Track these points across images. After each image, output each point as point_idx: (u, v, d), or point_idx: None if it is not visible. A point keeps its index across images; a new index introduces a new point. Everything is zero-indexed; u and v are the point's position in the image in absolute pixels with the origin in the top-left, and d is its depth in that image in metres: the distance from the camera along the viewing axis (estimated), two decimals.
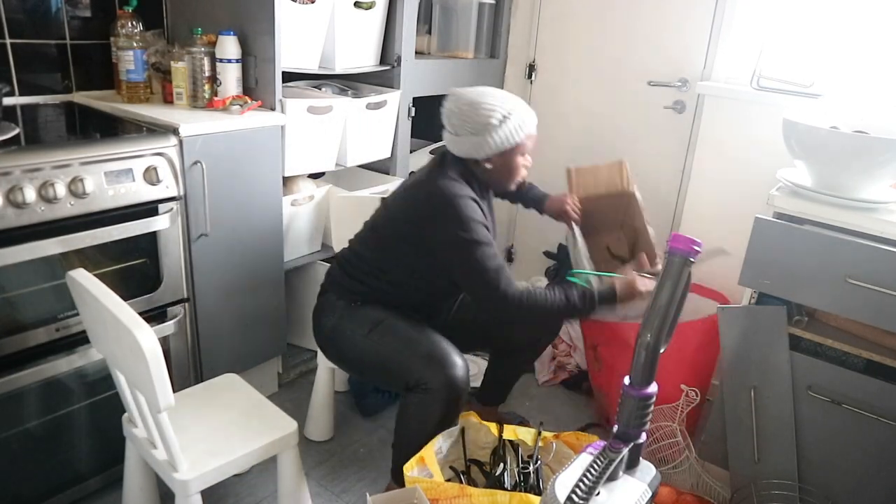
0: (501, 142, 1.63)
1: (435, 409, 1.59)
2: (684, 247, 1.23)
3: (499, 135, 1.62)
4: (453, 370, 1.57)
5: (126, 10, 1.89)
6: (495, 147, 1.64)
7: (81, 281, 1.31)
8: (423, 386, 1.58)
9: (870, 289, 1.52)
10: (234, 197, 1.86)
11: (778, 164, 1.88)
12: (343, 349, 1.75)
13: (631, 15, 2.51)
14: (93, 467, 1.71)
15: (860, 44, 2.07)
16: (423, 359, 1.59)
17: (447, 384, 1.57)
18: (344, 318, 1.73)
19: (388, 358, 1.65)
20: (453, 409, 1.62)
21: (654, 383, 1.29)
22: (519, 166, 1.71)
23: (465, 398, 1.62)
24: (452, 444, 1.67)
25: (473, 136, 1.63)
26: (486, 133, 1.62)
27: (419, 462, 1.53)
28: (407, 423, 1.66)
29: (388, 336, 1.66)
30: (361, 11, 2.17)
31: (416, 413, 1.62)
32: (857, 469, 1.67)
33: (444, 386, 1.57)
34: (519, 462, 1.63)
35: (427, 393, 1.58)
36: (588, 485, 1.16)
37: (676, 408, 1.94)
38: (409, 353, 1.62)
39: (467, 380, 1.61)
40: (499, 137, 1.63)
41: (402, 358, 1.62)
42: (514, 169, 1.71)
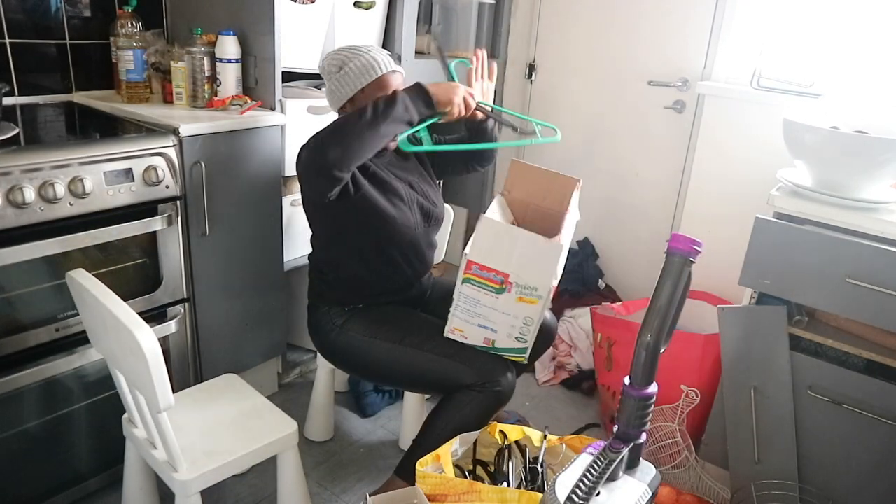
0: (343, 90, 1.63)
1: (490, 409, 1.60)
2: (684, 247, 1.23)
3: (340, 82, 1.63)
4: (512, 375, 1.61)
5: (126, 9, 1.89)
6: (340, 95, 1.64)
7: (81, 281, 1.31)
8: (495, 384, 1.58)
9: (870, 289, 1.52)
10: (234, 197, 1.86)
11: (778, 164, 1.88)
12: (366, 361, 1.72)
13: (631, 15, 2.51)
14: (93, 467, 1.71)
15: (860, 44, 2.07)
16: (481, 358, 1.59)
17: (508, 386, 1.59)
18: (346, 325, 1.72)
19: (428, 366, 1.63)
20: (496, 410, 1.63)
21: (654, 384, 1.29)
22: None
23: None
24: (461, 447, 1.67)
25: (327, 87, 1.67)
26: (331, 81, 1.64)
27: (434, 459, 1.53)
28: (448, 419, 1.62)
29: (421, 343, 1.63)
30: (361, 11, 2.17)
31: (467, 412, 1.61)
32: (857, 469, 1.67)
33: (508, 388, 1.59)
34: (526, 463, 1.63)
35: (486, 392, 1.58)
36: (588, 485, 1.16)
37: (676, 408, 1.94)
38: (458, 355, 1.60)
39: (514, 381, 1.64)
40: (340, 85, 1.63)
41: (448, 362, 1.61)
42: None
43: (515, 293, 1.42)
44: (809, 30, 2.17)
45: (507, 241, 1.40)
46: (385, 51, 1.68)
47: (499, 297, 1.44)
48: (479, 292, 1.45)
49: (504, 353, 1.57)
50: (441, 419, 1.64)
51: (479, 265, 1.42)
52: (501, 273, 1.41)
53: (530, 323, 1.46)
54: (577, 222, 1.78)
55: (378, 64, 1.62)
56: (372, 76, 1.62)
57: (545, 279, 1.39)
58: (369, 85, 1.62)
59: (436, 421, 1.64)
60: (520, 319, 1.46)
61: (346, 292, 1.75)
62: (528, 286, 1.40)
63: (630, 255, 2.74)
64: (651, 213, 2.65)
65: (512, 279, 1.41)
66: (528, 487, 1.57)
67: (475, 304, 1.48)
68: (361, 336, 1.69)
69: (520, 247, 1.39)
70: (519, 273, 1.39)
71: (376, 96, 1.58)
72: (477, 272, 1.43)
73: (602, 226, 2.79)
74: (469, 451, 1.66)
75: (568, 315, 2.62)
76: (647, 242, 2.67)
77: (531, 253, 1.38)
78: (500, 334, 1.51)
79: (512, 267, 1.39)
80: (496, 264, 1.40)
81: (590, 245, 2.82)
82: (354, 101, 1.64)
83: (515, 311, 1.46)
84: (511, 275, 1.40)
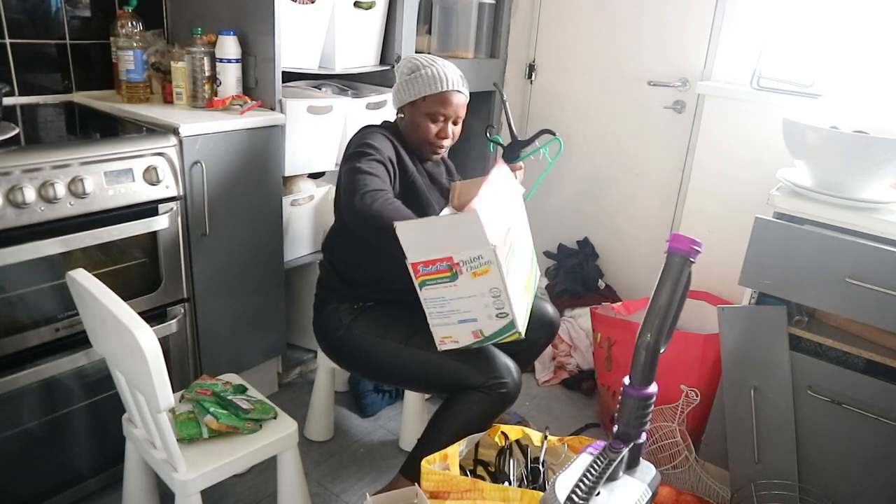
0: (407, 92, 1.70)
1: (496, 409, 1.62)
2: (684, 247, 1.23)
3: (407, 84, 1.70)
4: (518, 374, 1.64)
5: (126, 9, 1.89)
6: (403, 96, 1.72)
7: (81, 281, 1.31)
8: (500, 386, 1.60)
9: (870, 289, 1.52)
10: (234, 197, 1.86)
11: (778, 164, 1.88)
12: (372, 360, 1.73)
13: (631, 15, 2.51)
14: (93, 467, 1.71)
15: (860, 44, 2.07)
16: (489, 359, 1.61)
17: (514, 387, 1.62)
18: (354, 323, 1.72)
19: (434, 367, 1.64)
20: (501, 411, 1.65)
21: (654, 383, 1.29)
22: (425, 127, 1.71)
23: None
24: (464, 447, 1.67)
25: (396, 85, 1.75)
26: (399, 80, 1.72)
27: (442, 458, 1.54)
28: (453, 420, 1.64)
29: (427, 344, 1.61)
30: (361, 11, 2.17)
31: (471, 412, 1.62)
32: (857, 469, 1.67)
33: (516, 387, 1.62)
34: (528, 462, 1.63)
35: (492, 393, 1.60)
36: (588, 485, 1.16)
37: (676, 408, 1.94)
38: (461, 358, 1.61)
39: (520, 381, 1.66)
40: (406, 87, 1.70)
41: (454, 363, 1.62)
42: (419, 128, 1.72)
43: (467, 271, 1.45)
44: (809, 30, 2.17)
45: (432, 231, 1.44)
46: (458, 70, 1.73)
47: (456, 282, 1.46)
48: (438, 288, 1.47)
49: (499, 339, 1.56)
50: (446, 420, 1.64)
51: (423, 262, 1.45)
52: (444, 259, 1.44)
53: (498, 294, 1.47)
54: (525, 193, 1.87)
55: (446, 80, 1.68)
56: (436, 88, 1.68)
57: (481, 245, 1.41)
58: (431, 96, 1.68)
59: (440, 422, 1.65)
60: (487, 295, 1.48)
61: (359, 289, 1.75)
62: (472, 258, 1.43)
63: (630, 255, 2.74)
64: (651, 213, 2.65)
65: (456, 259, 1.43)
66: (530, 487, 1.57)
67: (443, 303, 1.50)
68: (369, 335, 1.70)
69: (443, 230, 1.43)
70: (457, 250, 1.42)
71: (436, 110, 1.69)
72: (425, 271, 1.46)
73: (602, 226, 2.80)
74: (471, 451, 1.66)
75: (568, 315, 2.62)
76: (647, 242, 2.67)
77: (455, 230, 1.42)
78: (481, 320, 1.52)
79: (449, 249, 1.42)
80: (435, 254, 1.44)
81: (590, 245, 2.82)
82: (414, 106, 1.71)
83: (479, 288, 1.47)
84: (453, 256, 1.43)
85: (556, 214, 2.91)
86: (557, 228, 2.93)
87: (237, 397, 1.55)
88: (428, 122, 1.71)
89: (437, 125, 1.72)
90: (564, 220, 2.89)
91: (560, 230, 2.92)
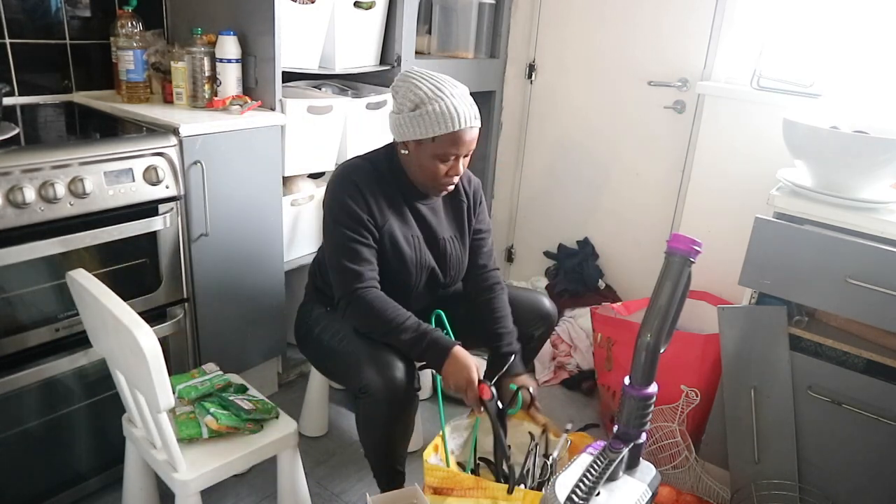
0: (411, 129, 1.50)
1: (378, 413, 1.52)
2: (684, 247, 1.23)
3: (411, 121, 1.49)
4: (391, 371, 1.49)
5: (126, 9, 1.89)
6: (405, 132, 1.51)
7: (81, 281, 1.31)
8: (364, 390, 1.52)
9: (870, 289, 1.52)
10: (234, 197, 1.86)
11: (778, 164, 1.88)
12: (314, 351, 1.77)
13: (631, 15, 2.51)
14: (93, 467, 1.71)
15: (860, 44, 2.06)
16: (366, 360, 1.53)
17: (386, 386, 1.49)
18: (314, 321, 1.75)
19: (343, 360, 1.62)
20: (398, 413, 1.54)
21: (654, 384, 1.29)
22: (433, 168, 1.54)
23: (410, 401, 1.56)
24: (463, 444, 1.67)
25: (394, 115, 1.54)
26: (401, 114, 1.51)
27: (435, 449, 1.54)
28: (361, 431, 1.62)
29: (346, 338, 1.62)
30: (361, 11, 2.17)
31: (364, 419, 1.59)
32: (857, 469, 1.67)
33: (383, 388, 1.49)
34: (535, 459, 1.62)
35: (369, 396, 1.51)
36: (588, 485, 1.17)
37: (676, 408, 1.94)
38: (356, 355, 1.56)
39: (407, 381, 1.51)
40: (410, 124, 1.49)
41: (352, 360, 1.57)
42: (426, 169, 1.54)
43: None
44: (809, 30, 2.17)
45: None
46: (469, 97, 1.52)
47: None
48: None
49: None
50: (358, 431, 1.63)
51: None
52: None
53: None
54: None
55: (458, 116, 1.48)
56: (447, 128, 1.47)
57: None
58: (442, 136, 1.49)
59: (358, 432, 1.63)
60: None
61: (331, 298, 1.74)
62: None
63: (630, 255, 2.74)
64: (651, 213, 2.65)
65: None
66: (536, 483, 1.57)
67: None
68: (316, 328, 1.72)
69: None
70: None
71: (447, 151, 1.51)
72: None
73: (602, 226, 2.79)
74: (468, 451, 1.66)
75: (568, 315, 2.62)
76: (647, 242, 2.67)
77: None
78: None
79: None
80: None
81: (590, 245, 2.82)
82: (420, 145, 1.52)
83: None
84: None
85: (556, 214, 2.91)
86: (557, 228, 2.93)
87: (238, 397, 1.55)
88: (437, 162, 1.53)
89: (447, 165, 1.54)
90: (564, 220, 2.89)
91: (560, 230, 2.92)
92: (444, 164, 1.54)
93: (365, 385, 1.51)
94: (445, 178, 1.57)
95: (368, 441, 1.62)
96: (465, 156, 1.57)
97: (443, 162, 1.54)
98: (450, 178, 1.57)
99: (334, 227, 1.58)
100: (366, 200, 1.57)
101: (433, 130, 1.48)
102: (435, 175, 1.56)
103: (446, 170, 1.55)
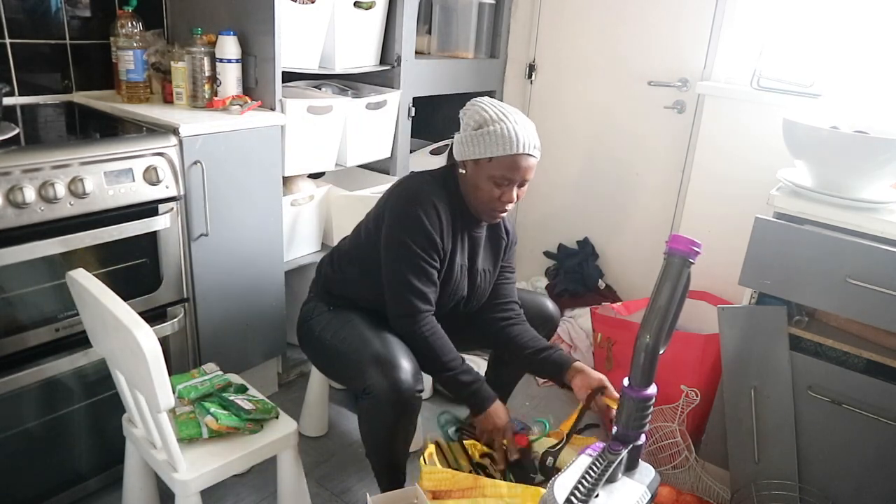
0: (471, 148, 1.54)
1: (382, 414, 1.53)
2: (684, 248, 1.23)
3: (472, 140, 1.54)
4: (396, 373, 1.49)
5: (126, 10, 1.89)
6: (467, 150, 1.55)
7: (81, 281, 1.31)
8: (368, 391, 1.52)
9: (870, 289, 1.52)
10: (234, 197, 1.86)
11: (778, 164, 1.88)
12: (315, 351, 1.77)
13: (631, 15, 2.51)
14: (93, 467, 1.71)
15: (860, 44, 2.06)
16: (371, 361, 1.53)
17: (391, 388, 1.49)
18: (316, 320, 1.74)
19: (346, 360, 1.62)
20: (402, 414, 1.54)
21: (653, 385, 1.29)
22: (488, 190, 1.56)
23: (414, 403, 1.55)
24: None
25: (458, 134, 1.59)
26: (466, 131, 1.56)
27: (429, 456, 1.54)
28: (363, 432, 1.62)
29: (349, 338, 1.63)
30: (361, 11, 2.17)
31: (367, 419, 1.59)
32: (857, 469, 1.67)
33: (388, 389, 1.49)
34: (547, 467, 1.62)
35: (373, 397, 1.51)
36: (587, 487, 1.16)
37: (676, 408, 1.94)
38: (360, 355, 1.57)
39: (413, 383, 1.52)
40: (471, 142, 1.54)
41: (356, 360, 1.57)
42: (481, 191, 1.57)
43: None
44: (809, 30, 2.17)
45: None
46: (533, 129, 1.56)
47: None
48: None
49: None
50: (360, 432, 1.64)
51: None
52: None
53: None
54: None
55: (517, 142, 1.51)
56: (505, 151, 1.51)
57: None
58: (499, 158, 1.52)
59: (360, 433, 1.65)
60: None
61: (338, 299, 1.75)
62: None
63: (630, 255, 2.74)
64: (651, 213, 2.65)
65: None
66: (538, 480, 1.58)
67: None
68: (317, 326, 1.72)
69: None
70: None
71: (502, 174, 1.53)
72: None
73: (602, 226, 2.79)
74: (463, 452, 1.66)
75: (568, 315, 2.62)
76: (647, 242, 2.67)
77: None
78: None
79: None
80: None
81: (590, 245, 2.82)
82: (478, 165, 1.55)
83: None
84: None
85: (556, 214, 2.91)
86: (557, 228, 2.93)
87: (238, 397, 1.55)
88: (491, 185, 1.55)
89: (501, 189, 1.55)
90: (564, 220, 2.89)
91: (560, 230, 2.92)
92: (498, 188, 1.55)
93: (369, 386, 1.52)
94: (499, 202, 1.58)
95: (370, 441, 1.63)
96: (519, 185, 1.58)
97: (497, 186, 1.55)
98: (503, 204, 1.58)
99: (408, 242, 1.56)
100: (440, 223, 1.58)
101: (492, 151, 1.52)
102: (489, 198, 1.57)
103: (500, 194, 1.56)
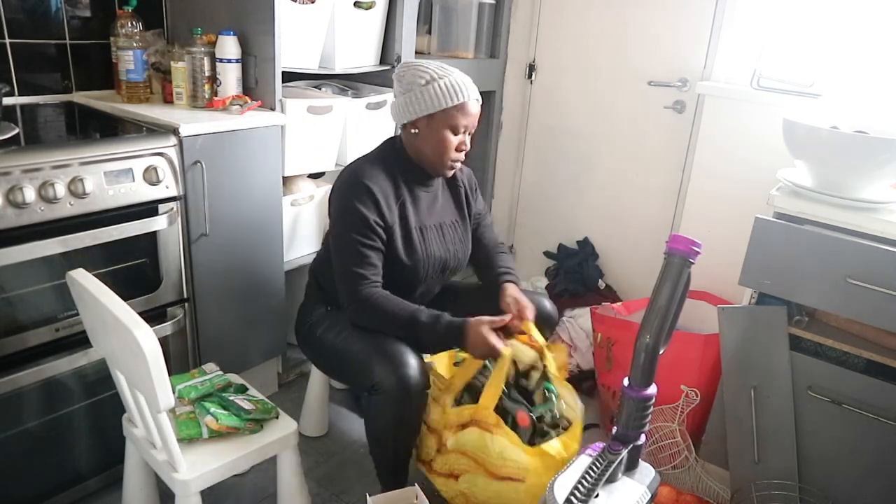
0: (426, 103, 1.58)
1: (389, 411, 1.55)
2: (683, 248, 1.23)
3: (424, 95, 1.58)
4: (404, 369, 1.52)
5: (126, 9, 1.89)
6: (419, 108, 1.59)
7: (81, 281, 1.31)
8: (376, 388, 1.54)
9: (870, 289, 1.52)
10: (234, 197, 1.86)
11: (778, 164, 1.88)
12: (317, 351, 1.78)
13: (631, 15, 2.51)
14: (93, 467, 1.71)
15: (860, 44, 2.06)
16: (377, 358, 1.55)
17: (398, 384, 1.51)
18: (316, 321, 1.75)
19: (352, 358, 1.63)
20: (409, 411, 1.57)
21: (653, 385, 1.29)
22: (447, 141, 1.62)
23: (421, 397, 1.58)
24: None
25: (402, 96, 1.62)
26: (412, 92, 1.60)
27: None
28: (369, 429, 1.64)
29: (352, 336, 1.65)
30: (361, 11, 2.17)
31: (374, 416, 1.60)
32: (857, 469, 1.67)
33: (395, 386, 1.51)
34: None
35: (380, 394, 1.54)
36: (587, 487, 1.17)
37: (676, 408, 1.94)
38: (366, 353, 1.59)
39: (420, 379, 1.55)
40: (424, 98, 1.58)
41: (361, 358, 1.59)
42: (440, 142, 1.62)
43: None
44: (809, 30, 2.17)
45: None
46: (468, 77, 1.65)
47: None
48: None
49: None
50: (366, 429, 1.66)
51: None
52: None
53: None
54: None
55: (467, 89, 1.60)
56: (458, 99, 1.59)
57: None
58: (452, 107, 1.59)
59: (366, 429, 1.66)
60: None
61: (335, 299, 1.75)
62: None
63: (630, 255, 2.74)
64: (651, 213, 2.65)
65: None
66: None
67: None
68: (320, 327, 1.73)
69: None
70: None
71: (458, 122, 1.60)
72: None
73: (602, 226, 2.79)
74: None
75: (568, 315, 2.61)
76: (647, 242, 2.67)
77: None
78: None
79: None
80: None
81: (590, 245, 2.82)
82: (433, 119, 1.60)
83: None
84: None
85: (556, 214, 2.91)
86: (557, 228, 2.93)
87: (238, 397, 1.55)
88: (449, 134, 1.62)
89: (458, 137, 1.64)
90: (564, 220, 2.89)
91: (560, 230, 2.92)
92: (455, 136, 1.63)
93: (377, 383, 1.54)
94: (456, 152, 1.66)
95: (376, 438, 1.63)
96: (469, 133, 1.67)
97: (454, 133, 1.63)
98: (459, 154, 1.67)
99: (343, 231, 1.61)
100: (375, 201, 1.61)
101: (446, 102, 1.59)
102: (447, 148, 1.63)
103: (457, 143, 1.64)
